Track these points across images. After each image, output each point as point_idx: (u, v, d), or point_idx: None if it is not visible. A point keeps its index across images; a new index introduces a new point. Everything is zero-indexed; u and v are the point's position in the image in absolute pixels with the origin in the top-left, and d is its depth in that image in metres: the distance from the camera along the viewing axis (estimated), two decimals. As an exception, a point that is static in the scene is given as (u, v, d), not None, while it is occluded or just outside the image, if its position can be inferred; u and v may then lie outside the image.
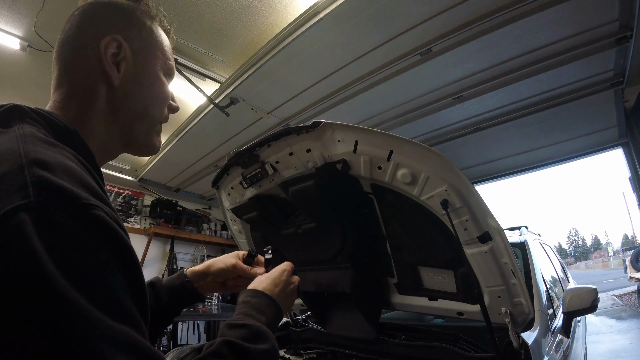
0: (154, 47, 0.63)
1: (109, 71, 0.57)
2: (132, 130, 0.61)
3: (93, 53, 0.57)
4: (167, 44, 0.67)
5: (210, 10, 2.47)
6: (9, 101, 0.51)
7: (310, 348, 1.73)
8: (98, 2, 0.61)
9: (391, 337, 1.46)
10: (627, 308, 9.64)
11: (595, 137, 3.46)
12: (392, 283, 1.57)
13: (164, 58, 0.65)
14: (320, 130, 1.19)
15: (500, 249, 1.16)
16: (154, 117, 0.63)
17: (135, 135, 0.62)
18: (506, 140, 3.53)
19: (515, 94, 2.80)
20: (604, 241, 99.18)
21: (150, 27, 0.64)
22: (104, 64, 0.56)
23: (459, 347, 1.29)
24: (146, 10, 0.64)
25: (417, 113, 3.04)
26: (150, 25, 0.64)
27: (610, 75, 2.60)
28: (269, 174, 1.38)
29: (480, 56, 2.39)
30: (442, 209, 1.15)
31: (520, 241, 2.06)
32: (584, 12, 2.01)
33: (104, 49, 0.56)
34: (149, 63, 0.62)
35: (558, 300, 2.05)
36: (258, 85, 2.70)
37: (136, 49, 0.60)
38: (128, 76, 0.59)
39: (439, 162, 1.10)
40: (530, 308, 1.22)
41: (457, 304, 1.41)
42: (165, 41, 0.66)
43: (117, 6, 0.61)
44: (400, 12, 2.07)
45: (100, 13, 0.60)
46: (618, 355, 5.34)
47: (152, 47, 0.63)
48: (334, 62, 2.50)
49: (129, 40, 0.59)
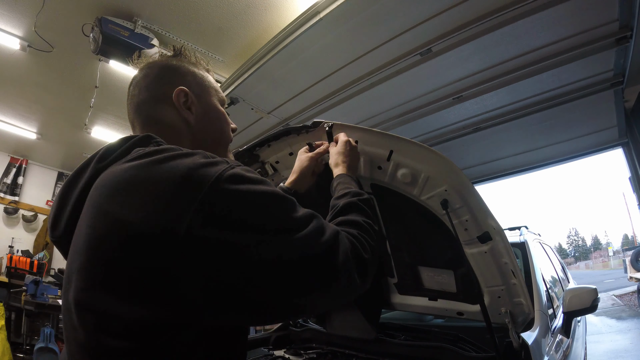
0: (207, 86, 0.79)
1: (185, 114, 0.73)
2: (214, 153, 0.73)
3: (169, 104, 0.72)
4: (213, 81, 0.82)
5: (210, 10, 2.47)
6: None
7: (310, 348, 1.73)
8: (154, 66, 0.76)
9: (391, 337, 1.46)
10: (627, 308, 9.64)
11: (595, 137, 3.45)
12: (392, 283, 1.57)
13: (216, 93, 0.80)
14: (320, 130, 1.19)
15: (500, 249, 1.16)
16: (225, 139, 0.80)
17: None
18: (506, 140, 3.52)
19: (515, 94, 2.80)
20: (604, 241, 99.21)
21: (199, 72, 0.79)
22: (181, 111, 0.72)
23: (459, 347, 1.29)
24: (190, 61, 0.80)
25: (417, 113, 3.03)
26: (198, 70, 0.79)
27: (610, 75, 2.59)
28: (269, 174, 1.38)
29: (480, 56, 2.39)
30: (442, 209, 1.15)
31: (520, 241, 2.06)
32: (584, 12, 2.01)
33: (177, 99, 0.72)
34: (209, 100, 0.77)
35: (558, 300, 2.05)
36: (258, 85, 2.69)
37: (197, 92, 0.75)
38: (199, 114, 0.74)
39: (439, 162, 1.10)
40: (530, 308, 1.22)
41: (457, 304, 1.41)
42: (212, 79, 0.82)
43: (171, 65, 0.76)
44: (400, 12, 2.06)
45: (160, 74, 0.75)
46: (618, 355, 5.34)
47: (206, 87, 0.78)
48: (334, 62, 2.49)
49: (190, 88, 0.74)
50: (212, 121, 0.77)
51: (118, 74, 3.17)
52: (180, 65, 0.77)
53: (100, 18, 2.43)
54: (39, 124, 4.37)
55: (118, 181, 0.53)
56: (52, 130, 4.51)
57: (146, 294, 0.47)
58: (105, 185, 0.55)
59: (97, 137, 4.35)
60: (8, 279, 4.41)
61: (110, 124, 4.19)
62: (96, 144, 4.66)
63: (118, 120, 4.09)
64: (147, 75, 0.75)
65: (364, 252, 0.64)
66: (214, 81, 0.82)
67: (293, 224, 0.55)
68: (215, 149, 0.75)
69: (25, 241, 5.28)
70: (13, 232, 5.20)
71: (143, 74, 0.75)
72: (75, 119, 3.99)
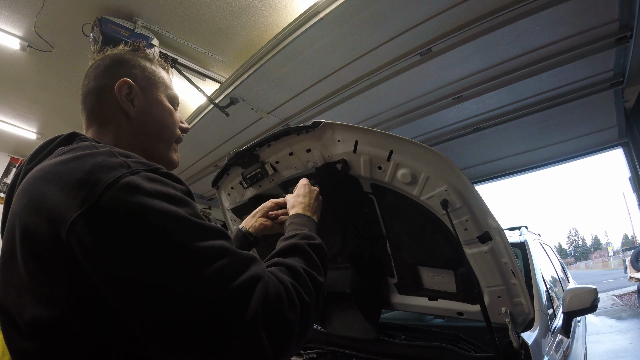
0: (155, 81, 0.77)
1: (126, 107, 0.71)
2: (152, 150, 0.74)
3: (111, 96, 0.71)
4: (167, 77, 0.81)
5: (210, 10, 2.47)
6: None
7: (310, 348, 1.73)
8: (106, 57, 0.76)
9: (391, 337, 1.46)
10: (627, 308, 9.64)
11: (595, 137, 3.45)
12: (392, 283, 1.57)
13: (165, 89, 0.78)
14: (320, 130, 1.19)
15: (500, 249, 1.16)
16: (168, 135, 0.77)
17: (155, 154, 0.75)
18: (506, 140, 3.52)
19: (515, 94, 2.80)
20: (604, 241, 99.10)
21: (151, 67, 0.78)
22: (121, 102, 0.71)
23: (459, 347, 1.29)
24: (145, 56, 0.79)
25: (417, 113, 3.03)
26: (151, 65, 0.78)
27: (610, 75, 2.59)
28: (269, 174, 1.38)
29: (480, 56, 2.39)
30: (442, 209, 1.15)
31: (520, 241, 2.06)
32: (584, 12, 2.01)
33: (119, 91, 0.71)
34: (155, 95, 0.76)
35: (558, 300, 2.05)
36: (258, 86, 2.69)
37: (142, 86, 0.74)
38: (140, 108, 0.73)
39: (439, 162, 1.10)
40: (530, 308, 1.22)
41: (457, 304, 1.41)
42: (165, 75, 0.81)
43: (121, 58, 0.76)
44: (400, 12, 2.06)
45: (109, 65, 0.74)
46: (618, 355, 5.33)
47: (154, 81, 0.77)
48: (334, 62, 2.49)
49: (136, 81, 0.73)
50: (154, 116, 0.74)
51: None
52: (131, 58, 0.76)
53: (100, 18, 2.43)
54: (39, 124, 4.37)
55: (28, 182, 0.54)
56: (52, 130, 4.50)
57: (43, 293, 0.47)
58: (21, 187, 0.56)
59: (97, 137, 4.36)
60: (8, 279, 4.42)
61: (110, 124, 4.19)
62: (96, 144, 4.67)
63: (118, 120, 4.09)
64: (98, 66, 0.75)
65: (289, 311, 0.51)
66: (166, 77, 0.80)
67: (194, 255, 0.46)
68: (156, 145, 0.75)
69: (25, 241, 5.28)
70: (13, 232, 5.21)
71: (95, 65, 0.76)
72: (75, 119, 3.93)
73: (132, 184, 0.47)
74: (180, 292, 0.43)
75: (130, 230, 0.45)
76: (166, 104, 0.77)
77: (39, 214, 0.49)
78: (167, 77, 0.81)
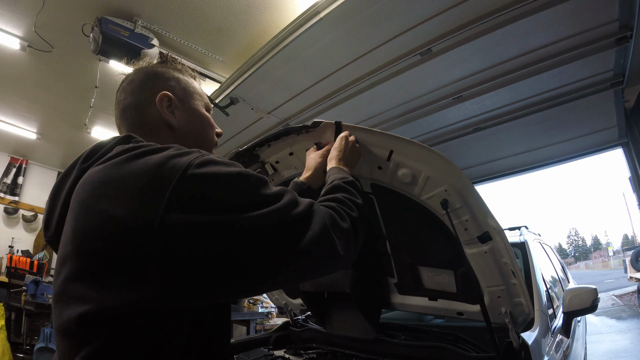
0: (191, 91, 0.82)
1: (168, 118, 0.75)
2: None
3: (152, 109, 0.75)
4: (198, 86, 0.86)
5: (210, 10, 2.47)
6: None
7: (310, 348, 1.73)
8: (139, 72, 0.79)
9: (391, 337, 1.46)
10: (627, 308, 9.64)
11: (595, 137, 3.45)
12: (392, 283, 1.57)
13: (200, 98, 0.83)
14: (320, 130, 1.19)
15: (500, 249, 1.16)
16: (209, 142, 0.83)
17: None
18: (506, 140, 3.52)
19: (515, 94, 2.80)
20: (604, 241, 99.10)
21: (184, 78, 0.82)
22: (164, 114, 0.75)
23: (459, 347, 1.29)
24: (175, 67, 0.83)
25: (417, 113, 3.03)
26: (182, 76, 0.82)
27: (610, 75, 2.59)
28: (269, 174, 1.38)
29: (480, 56, 2.39)
30: (442, 209, 1.15)
31: (520, 241, 2.06)
32: (584, 12, 2.01)
33: (160, 103, 0.75)
34: (192, 105, 0.80)
35: (558, 300, 2.05)
36: (258, 86, 2.69)
37: (180, 97, 0.78)
38: (181, 118, 0.77)
39: (439, 162, 1.10)
40: (530, 308, 1.22)
41: (457, 304, 1.41)
42: (197, 84, 0.85)
43: (155, 71, 0.80)
44: (400, 12, 2.06)
45: (145, 80, 0.78)
46: (618, 355, 5.33)
47: (190, 92, 0.81)
48: (334, 62, 2.49)
49: (173, 92, 0.77)
50: (195, 125, 0.80)
51: (118, 74, 3.17)
52: (164, 71, 0.80)
53: (100, 18, 2.43)
54: (39, 124, 4.37)
55: (99, 177, 0.56)
56: (52, 130, 4.50)
57: (129, 282, 0.49)
58: (87, 181, 0.58)
59: (97, 137, 4.35)
60: (8, 279, 4.41)
61: (110, 124, 4.19)
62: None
63: (118, 120, 4.09)
64: (133, 81, 0.78)
65: (342, 222, 0.67)
66: (199, 87, 0.85)
67: (265, 199, 0.57)
68: None
69: (25, 241, 5.28)
70: (13, 232, 5.20)
71: (129, 80, 0.79)
72: (75, 119, 3.99)
73: (207, 160, 0.55)
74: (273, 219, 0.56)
75: (222, 192, 0.54)
76: (203, 111, 0.82)
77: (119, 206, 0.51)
78: (198, 85, 0.86)
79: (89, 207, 0.54)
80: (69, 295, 0.52)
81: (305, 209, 0.60)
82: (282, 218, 0.56)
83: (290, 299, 1.97)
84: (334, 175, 0.94)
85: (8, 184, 5.25)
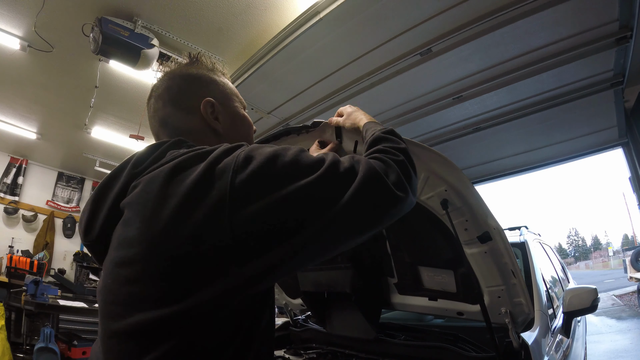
0: (229, 94, 0.81)
1: (214, 125, 0.75)
2: None
3: (196, 116, 0.74)
4: (233, 86, 0.84)
5: (210, 10, 2.47)
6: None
7: (310, 348, 1.73)
8: (175, 77, 0.76)
9: (391, 337, 1.46)
10: (627, 308, 9.64)
11: (595, 137, 3.45)
12: (392, 283, 1.57)
13: (237, 98, 0.82)
14: (320, 130, 1.18)
15: (500, 249, 1.16)
16: (251, 143, 0.81)
17: None
18: (506, 140, 3.52)
19: (515, 94, 2.80)
20: (604, 241, 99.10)
21: (220, 80, 0.81)
22: (210, 121, 0.74)
23: (459, 347, 1.29)
24: (207, 67, 0.81)
25: (417, 113, 3.03)
26: (217, 78, 0.81)
27: (610, 75, 2.59)
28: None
29: (480, 56, 2.39)
30: (442, 209, 1.15)
31: (520, 241, 2.06)
32: (584, 12, 2.01)
33: (204, 111, 0.74)
34: (233, 107, 0.80)
35: (558, 300, 2.05)
36: (258, 85, 2.70)
37: (221, 101, 0.77)
38: (226, 123, 0.77)
39: (439, 162, 1.10)
40: (530, 308, 1.22)
41: (457, 304, 1.41)
42: (231, 84, 0.84)
43: (191, 75, 0.78)
44: (400, 12, 2.07)
45: (183, 86, 0.76)
46: (618, 355, 5.33)
47: (228, 94, 0.80)
48: (334, 62, 2.50)
49: (215, 97, 0.76)
50: (238, 128, 0.80)
51: (118, 74, 3.17)
52: (200, 74, 0.78)
53: (100, 18, 2.43)
54: (39, 124, 4.37)
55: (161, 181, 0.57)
56: (52, 130, 4.50)
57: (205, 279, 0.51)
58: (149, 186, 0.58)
59: (97, 137, 4.35)
60: (8, 279, 4.41)
61: (110, 124, 4.19)
62: (96, 144, 4.66)
63: (118, 120, 4.08)
64: (170, 88, 0.76)
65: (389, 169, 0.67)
66: (233, 86, 0.84)
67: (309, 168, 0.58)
68: None
69: (25, 241, 5.28)
70: (13, 232, 5.20)
71: (165, 86, 0.76)
72: (75, 119, 3.99)
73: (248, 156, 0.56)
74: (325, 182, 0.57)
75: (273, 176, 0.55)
76: (243, 112, 0.82)
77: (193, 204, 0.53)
78: (232, 85, 0.85)
79: (156, 210, 0.54)
80: (137, 297, 0.53)
81: (349, 162, 0.61)
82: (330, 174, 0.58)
83: (290, 299, 1.97)
84: (372, 128, 0.91)
85: (8, 184, 5.25)
